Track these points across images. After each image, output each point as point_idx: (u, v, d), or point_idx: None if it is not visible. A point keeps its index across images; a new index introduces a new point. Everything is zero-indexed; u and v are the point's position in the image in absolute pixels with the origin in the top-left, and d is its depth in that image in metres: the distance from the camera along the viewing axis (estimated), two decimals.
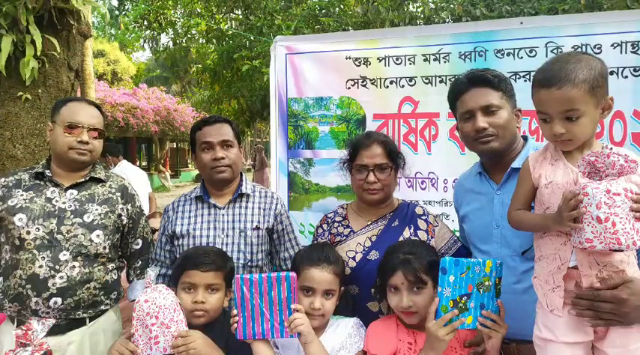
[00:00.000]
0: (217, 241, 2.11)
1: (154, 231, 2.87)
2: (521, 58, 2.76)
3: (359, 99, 3.12)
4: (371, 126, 3.09)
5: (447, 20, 6.42)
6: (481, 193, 1.94)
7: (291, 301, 1.64)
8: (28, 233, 1.96)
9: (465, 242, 2.08)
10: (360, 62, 3.09)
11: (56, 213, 2.01)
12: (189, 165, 25.98)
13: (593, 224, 1.29)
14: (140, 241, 2.28)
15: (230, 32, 8.50)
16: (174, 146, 24.90)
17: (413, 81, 3.00)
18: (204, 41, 9.98)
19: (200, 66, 10.31)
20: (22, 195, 2.03)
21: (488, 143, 1.81)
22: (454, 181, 2.78)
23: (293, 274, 1.66)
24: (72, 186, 2.09)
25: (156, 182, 19.05)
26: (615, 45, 2.58)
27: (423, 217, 2.11)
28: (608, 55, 2.53)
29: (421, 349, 1.62)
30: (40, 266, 1.93)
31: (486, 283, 1.61)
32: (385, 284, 1.77)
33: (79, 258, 1.99)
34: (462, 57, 2.88)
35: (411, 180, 3.01)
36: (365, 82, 3.10)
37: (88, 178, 2.13)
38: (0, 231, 2.02)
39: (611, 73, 2.53)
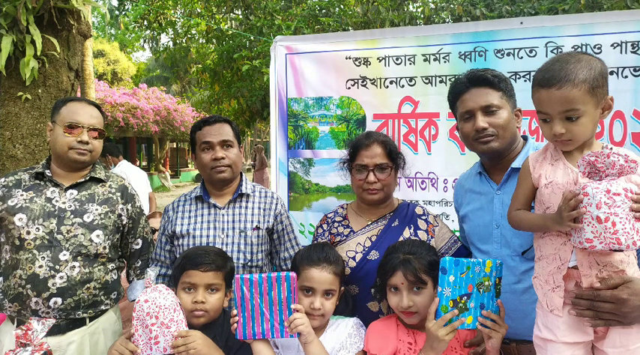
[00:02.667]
0: (217, 241, 2.11)
1: (154, 231, 2.87)
2: (521, 58, 2.76)
3: (359, 99, 3.13)
4: (371, 126, 3.09)
5: (447, 20, 6.42)
6: (481, 193, 1.94)
7: (291, 301, 1.64)
8: (28, 233, 1.96)
9: (465, 242, 2.09)
10: (360, 62, 3.09)
11: (56, 213, 2.01)
12: (189, 165, 25.99)
13: (593, 224, 1.29)
14: (140, 241, 2.28)
15: (230, 32, 8.50)
16: (175, 146, 24.91)
17: (413, 81, 3.00)
18: (204, 41, 9.97)
19: (200, 66, 10.30)
20: (22, 195, 2.03)
21: (488, 143, 1.81)
22: (454, 181, 2.79)
23: (293, 274, 1.66)
24: (72, 186, 2.09)
25: (156, 182, 19.05)
26: (615, 45, 2.58)
27: (423, 217, 2.11)
28: (608, 55, 2.53)
29: (421, 349, 1.62)
30: (40, 266, 1.93)
31: (486, 283, 1.61)
32: (385, 284, 1.77)
33: (79, 257, 1.99)
34: (462, 57, 2.88)
35: (411, 180, 3.01)
36: (365, 82, 3.10)
37: (88, 178, 2.13)
38: (0, 231, 2.02)
39: (611, 73, 2.53)
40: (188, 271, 1.79)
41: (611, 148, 1.40)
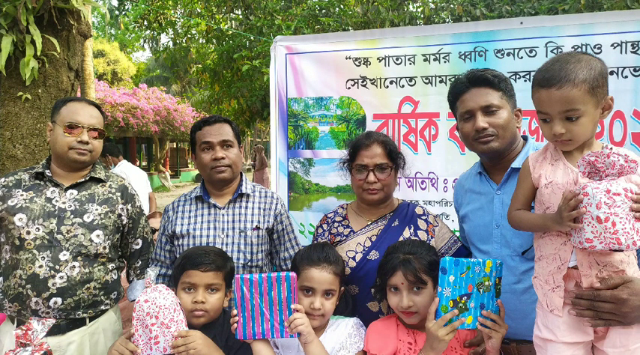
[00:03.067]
0: (217, 241, 2.11)
1: (154, 231, 2.87)
2: (521, 58, 2.76)
3: (359, 99, 3.13)
4: (371, 126, 3.09)
5: (447, 20, 6.42)
6: (481, 193, 1.94)
7: (291, 301, 1.64)
8: (28, 233, 1.96)
9: (465, 242, 2.09)
10: (360, 62, 3.09)
11: (56, 213, 2.01)
12: (189, 165, 25.99)
13: (593, 224, 1.29)
14: (140, 241, 2.28)
15: (230, 32, 8.49)
16: (175, 146, 24.91)
17: (413, 81, 3.00)
18: (204, 41, 9.98)
19: (200, 66, 10.30)
20: (22, 195, 2.03)
21: (488, 143, 1.81)
22: (454, 181, 2.79)
23: (293, 274, 1.66)
24: (72, 186, 2.09)
25: (156, 182, 19.05)
26: (615, 45, 2.58)
27: (423, 217, 2.11)
28: (608, 55, 2.53)
29: (421, 349, 1.62)
30: (40, 266, 1.93)
31: (486, 283, 1.61)
32: (385, 284, 1.77)
33: (79, 257, 1.99)
34: (462, 57, 2.88)
35: (411, 180, 3.01)
36: (365, 82, 3.10)
37: (88, 178, 2.13)
38: (0, 231, 2.02)
39: (611, 73, 2.53)
40: (188, 271, 1.79)
41: (611, 148, 1.40)
